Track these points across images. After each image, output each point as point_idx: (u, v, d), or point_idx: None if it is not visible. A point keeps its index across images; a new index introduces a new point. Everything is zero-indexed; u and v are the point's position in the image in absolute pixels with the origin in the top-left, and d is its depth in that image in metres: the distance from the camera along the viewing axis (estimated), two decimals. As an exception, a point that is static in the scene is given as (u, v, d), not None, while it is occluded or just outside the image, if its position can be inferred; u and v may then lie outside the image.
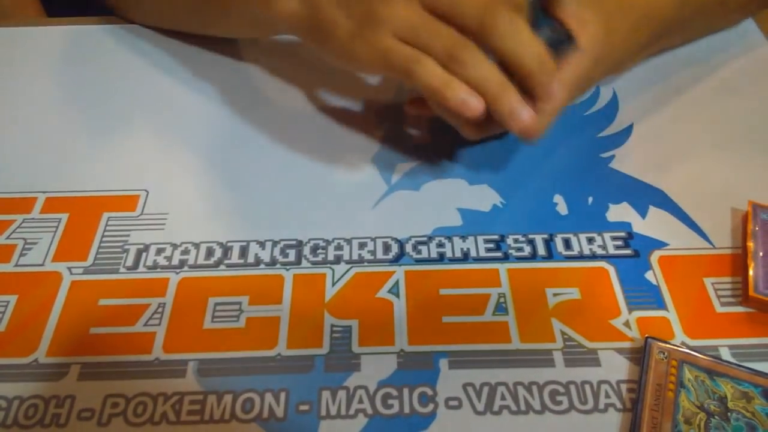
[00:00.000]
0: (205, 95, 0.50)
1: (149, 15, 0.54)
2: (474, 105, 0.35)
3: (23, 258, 0.40)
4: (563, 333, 0.36)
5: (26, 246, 0.40)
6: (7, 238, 0.41)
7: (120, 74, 0.52)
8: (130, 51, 0.53)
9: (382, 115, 0.48)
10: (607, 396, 0.34)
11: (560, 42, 0.38)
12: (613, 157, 0.45)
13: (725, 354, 0.35)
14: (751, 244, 0.38)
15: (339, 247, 0.40)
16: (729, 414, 0.32)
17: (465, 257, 0.40)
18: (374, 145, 0.46)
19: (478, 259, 0.39)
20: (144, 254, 0.40)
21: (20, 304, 0.38)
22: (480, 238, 0.41)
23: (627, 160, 0.45)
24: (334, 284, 0.38)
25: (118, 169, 0.45)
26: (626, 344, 0.36)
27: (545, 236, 0.41)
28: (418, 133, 0.47)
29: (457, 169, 0.45)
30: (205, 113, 0.48)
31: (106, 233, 0.41)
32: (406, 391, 0.34)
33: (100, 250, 0.40)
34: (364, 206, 0.43)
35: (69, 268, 0.39)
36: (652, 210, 0.42)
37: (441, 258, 0.40)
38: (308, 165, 0.45)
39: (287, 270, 0.39)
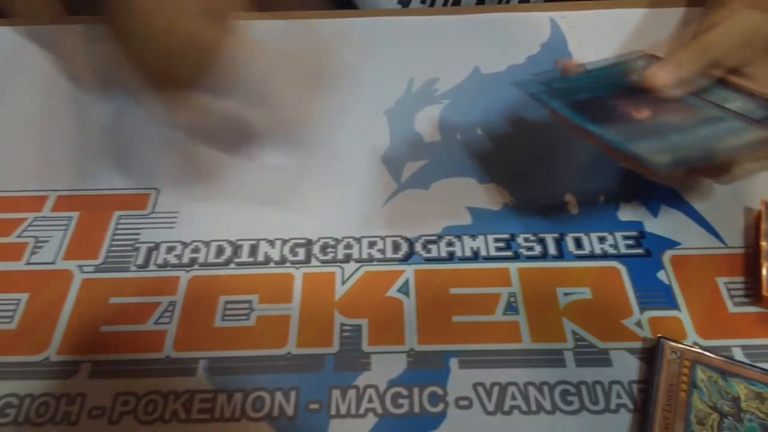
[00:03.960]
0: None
1: None
2: None
3: (34, 256, 0.40)
4: (574, 333, 0.36)
5: (37, 244, 0.41)
6: (19, 236, 0.41)
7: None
8: (140, 50, 0.53)
9: (391, 114, 0.48)
10: (619, 396, 0.33)
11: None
12: (624, 155, 0.45)
13: (738, 354, 0.35)
14: (764, 244, 0.38)
15: (349, 246, 0.40)
16: (742, 415, 0.32)
17: (475, 256, 0.39)
18: (383, 144, 0.46)
19: (489, 258, 0.39)
20: (154, 253, 0.40)
21: (31, 302, 0.38)
22: (490, 237, 0.40)
23: (638, 159, 0.45)
24: (343, 283, 0.38)
25: (129, 168, 0.45)
26: (638, 344, 0.35)
27: (556, 235, 0.40)
28: (428, 132, 0.47)
29: (466, 168, 0.44)
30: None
31: (116, 232, 0.41)
32: (416, 391, 0.34)
33: (111, 249, 0.40)
34: (373, 205, 0.42)
35: (80, 267, 0.39)
36: (664, 209, 0.42)
37: (451, 257, 0.39)
38: (318, 164, 0.45)
39: (297, 269, 0.39)
